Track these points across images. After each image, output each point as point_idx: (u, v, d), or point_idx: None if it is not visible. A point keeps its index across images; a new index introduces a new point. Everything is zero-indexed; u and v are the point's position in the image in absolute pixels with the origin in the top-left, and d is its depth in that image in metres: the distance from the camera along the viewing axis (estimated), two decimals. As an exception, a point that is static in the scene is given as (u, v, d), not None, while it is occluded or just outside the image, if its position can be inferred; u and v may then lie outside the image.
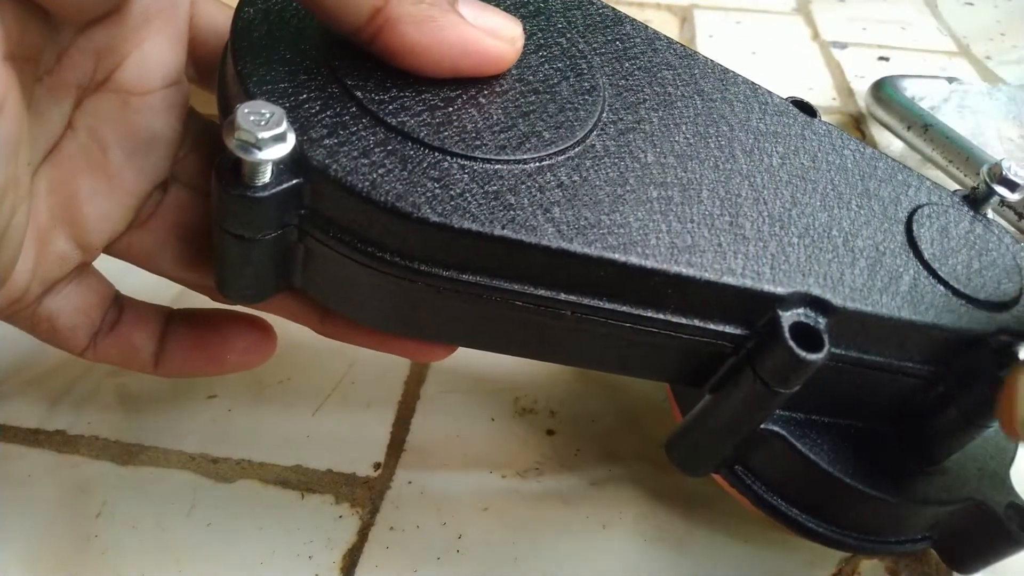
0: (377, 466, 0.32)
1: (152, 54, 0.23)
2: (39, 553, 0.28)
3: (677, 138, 0.25)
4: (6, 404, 0.33)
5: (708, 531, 0.30)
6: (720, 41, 0.61)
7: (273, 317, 0.27)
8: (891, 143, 0.51)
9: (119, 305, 0.26)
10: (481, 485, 0.31)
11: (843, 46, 0.61)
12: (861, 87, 0.55)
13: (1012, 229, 0.42)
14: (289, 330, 0.28)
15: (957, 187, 0.45)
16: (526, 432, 0.33)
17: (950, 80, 0.53)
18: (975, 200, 0.29)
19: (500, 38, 0.22)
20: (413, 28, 0.20)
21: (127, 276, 0.26)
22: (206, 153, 0.25)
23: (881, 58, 0.60)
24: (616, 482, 0.32)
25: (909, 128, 0.48)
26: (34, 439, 0.32)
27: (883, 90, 0.51)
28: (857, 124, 0.53)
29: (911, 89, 0.51)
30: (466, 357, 0.36)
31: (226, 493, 0.30)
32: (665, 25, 0.63)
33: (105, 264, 0.26)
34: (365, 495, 0.31)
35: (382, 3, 0.20)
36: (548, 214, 0.21)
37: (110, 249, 0.25)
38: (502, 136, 0.22)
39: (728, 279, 0.22)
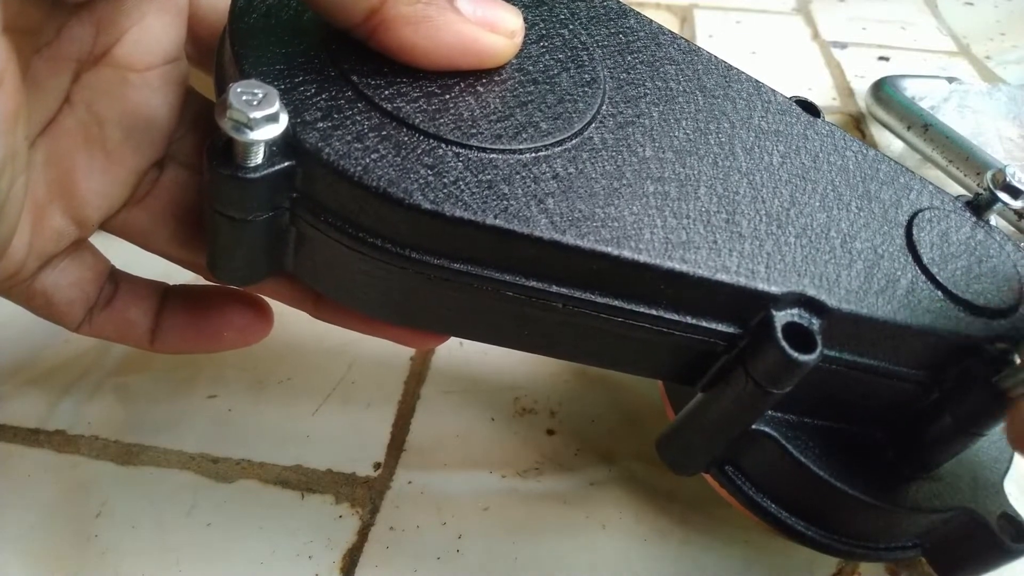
0: (377, 466, 0.32)
1: (152, 30, 0.23)
2: (39, 553, 0.28)
3: (677, 133, 0.25)
4: (6, 404, 0.33)
5: (708, 531, 0.30)
6: (720, 41, 0.61)
7: (273, 309, 0.27)
8: (891, 143, 0.51)
9: (115, 280, 0.26)
10: (481, 485, 0.31)
11: (843, 46, 0.61)
12: (861, 87, 0.55)
13: (1012, 229, 0.42)
14: (289, 330, 0.28)
15: (957, 186, 0.45)
16: (526, 432, 0.33)
17: (950, 80, 0.53)
18: (978, 206, 0.28)
19: (499, 32, 0.22)
20: (409, 29, 0.20)
21: (139, 261, 0.26)
22: (204, 133, 0.25)
23: (881, 58, 0.60)
24: (616, 482, 0.32)
25: (909, 128, 0.48)
26: (34, 439, 0.32)
27: (883, 90, 0.51)
28: (857, 124, 0.53)
29: (911, 89, 0.51)
30: (466, 357, 0.36)
31: (226, 493, 0.30)
32: (665, 25, 0.63)
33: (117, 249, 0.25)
34: (365, 495, 0.31)
35: (378, 4, 0.20)
36: (542, 205, 0.21)
37: (106, 225, 0.25)
38: (498, 125, 0.22)
39: (722, 276, 0.22)
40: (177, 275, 0.27)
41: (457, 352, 0.36)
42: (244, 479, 0.31)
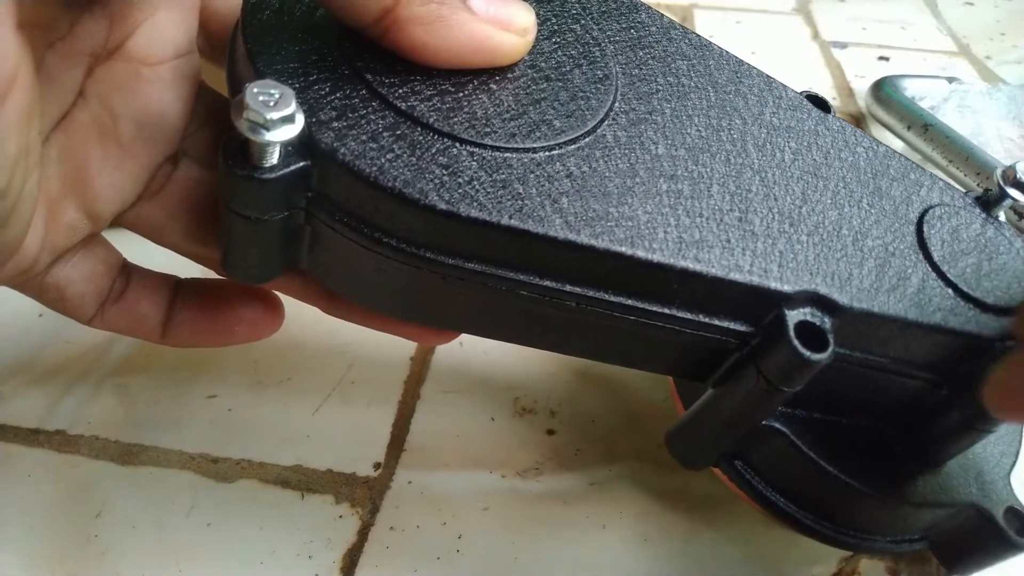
0: (377, 466, 0.32)
1: (164, 24, 0.23)
2: (39, 553, 0.28)
3: (689, 130, 0.25)
4: (6, 404, 0.33)
5: (708, 530, 0.30)
6: (720, 41, 0.60)
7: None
8: (891, 143, 0.51)
9: (127, 274, 0.26)
10: (481, 485, 0.31)
11: (843, 46, 0.61)
12: (861, 87, 0.55)
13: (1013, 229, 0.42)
14: (290, 330, 0.28)
15: (957, 187, 0.45)
16: (526, 432, 0.33)
17: (950, 80, 0.53)
18: (988, 202, 0.28)
19: (512, 30, 0.22)
20: (421, 29, 0.20)
21: (151, 254, 0.26)
22: (217, 129, 0.25)
23: (881, 58, 0.60)
24: (616, 482, 0.32)
25: (909, 128, 0.48)
26: (34, 439, 0.32)
27: (883, 90, 0.51)
28: (857, 124, 0.53)
29: (911, 89, 0.51)
30: (466, 357, 0.36)
31: (226, 493, 0.30)
32: (665, 25, 0.63)
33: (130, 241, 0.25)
34: (365, 495, 0.31)
35: (391, 4, 0.20)
36: (556, 204, 0.21)
37: (119, 220, 0.24)
38: (512, 124, 0.22)
39: (735, 276, 0.22)
40: (188, 269, 0.27)
41: (457, 352, 0.36)
42: (244, 479, 0.31)
